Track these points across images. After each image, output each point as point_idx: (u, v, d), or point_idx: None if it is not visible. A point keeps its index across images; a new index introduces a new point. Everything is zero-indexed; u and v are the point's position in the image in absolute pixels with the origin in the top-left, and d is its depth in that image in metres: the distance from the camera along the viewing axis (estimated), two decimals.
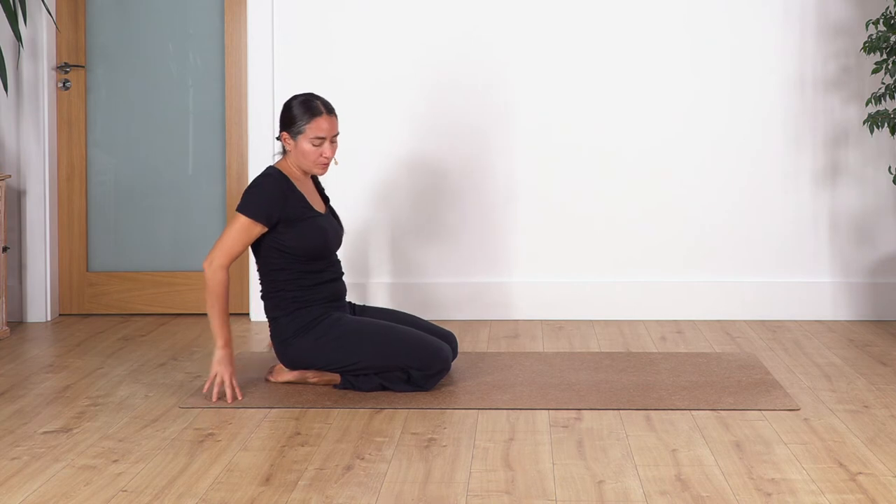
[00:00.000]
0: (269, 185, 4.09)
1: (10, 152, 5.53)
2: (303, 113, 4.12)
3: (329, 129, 4.12)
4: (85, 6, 5.66)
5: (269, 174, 4.13)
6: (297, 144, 4.13)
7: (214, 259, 4.03)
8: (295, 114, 4.13)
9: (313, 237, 4.12)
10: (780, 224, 5.56)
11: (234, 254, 4.05)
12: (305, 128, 4.11)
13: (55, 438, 3.58)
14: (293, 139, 4.13)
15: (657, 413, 3.85)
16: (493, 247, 5.59)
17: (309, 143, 4.11)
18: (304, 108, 4.12)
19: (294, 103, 4.15)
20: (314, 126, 4.10)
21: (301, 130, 4.11)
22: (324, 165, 4.15)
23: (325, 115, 4.12)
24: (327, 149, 4.13)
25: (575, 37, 5.54)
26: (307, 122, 4.11)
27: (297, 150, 4.14)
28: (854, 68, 5.49)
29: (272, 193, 4.07)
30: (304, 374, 4.22)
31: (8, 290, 5.50)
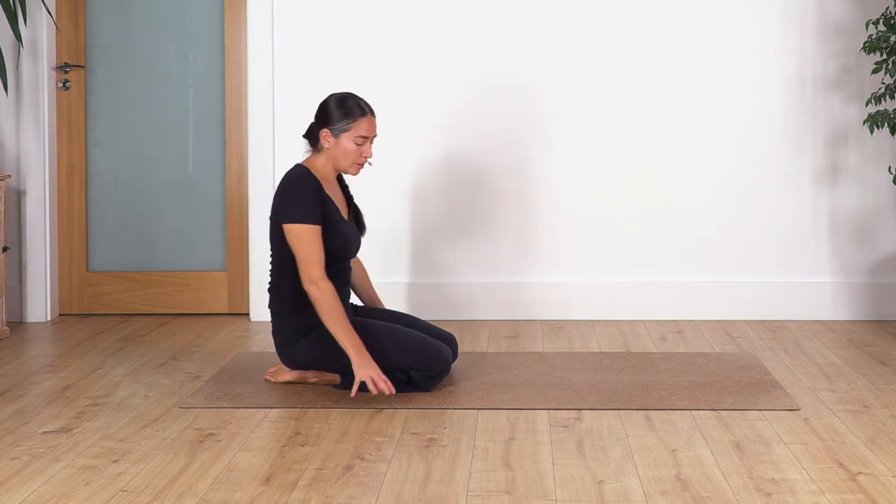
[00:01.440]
0: (304, 186, 4.04)
1: (10, 152, 5.54)
2: (348, 111, 4.09)
3: (371, 130, 4.12)
4: (85, 6, 5.66)
5: (300, 174, 4.08)
6: (338, 142, 4.11)
7: (313, 275, 3.97)
8: (339, 112, 4.10)
9: (335, 242, 4.10)
10: (780, 224, 5.56)
11: (322, 261, 3.99)
12: (351, 126, 4.09)
13: (55, 438, 3.58)
14: (334, 137, 4.11)
15: (657, 413, 3.85)
16: (492, 247, 5.59)
17: (352, 141, 4.09)
18: (350, 106, 4.10)
19: (338, 101, 4.12)
20: (359, 125, 4.09)
21: (347, 128, 4.09)
22: (360, 166, 4.14)
23: (369, 116, 4.11)
24: (368, 149, 4.12)
25: (574, 36, 5.54)
26: (353, 120, 4.09)
27: (337, 147, 4.11)
28: (854, 68, 5.49)
29: (310, 193, 4.03)
30: (304, 373, 4.22)
31: (8, 290, 5.50)
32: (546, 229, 5.58)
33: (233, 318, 5.61)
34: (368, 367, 3.94)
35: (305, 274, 3.99)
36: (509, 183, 5.57)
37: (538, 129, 5.55)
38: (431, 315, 5.57)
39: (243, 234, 5.65)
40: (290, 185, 4.07)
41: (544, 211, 5.58)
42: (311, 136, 4.19)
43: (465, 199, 5.56)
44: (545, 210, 5.57)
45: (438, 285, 5.58)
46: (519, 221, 5.58)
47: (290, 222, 4.01)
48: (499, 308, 5.59)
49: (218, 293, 5.69)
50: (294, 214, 4.01)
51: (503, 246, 5.60)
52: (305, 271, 3.99)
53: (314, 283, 3.97)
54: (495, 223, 5.58)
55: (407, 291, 5.57)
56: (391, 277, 5.59)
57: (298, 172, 4.10)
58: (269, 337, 5.15)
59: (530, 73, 5.54)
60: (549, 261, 5.59)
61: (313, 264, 3.99)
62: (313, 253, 4.00)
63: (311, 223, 4.01)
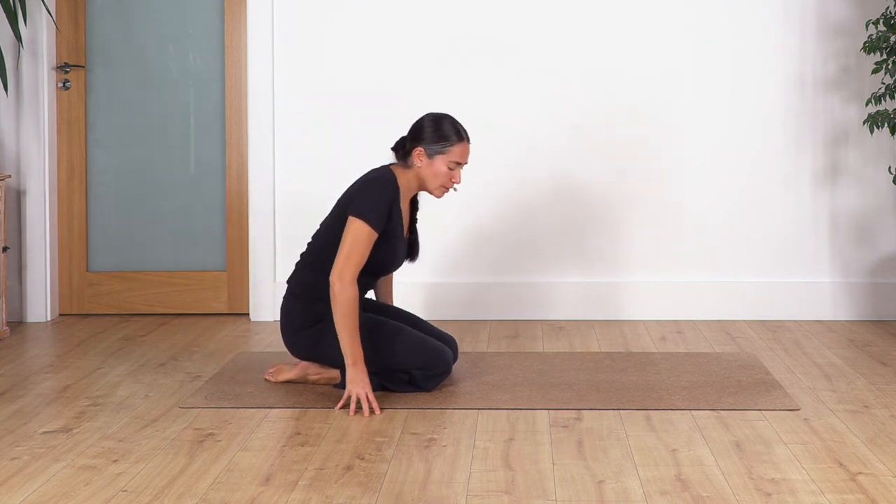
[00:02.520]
0: (387, 192, 4.02)
1: (10, 152, 5.54)
2: (447, 135, 4.07)
3: (465, 156, 4.11)
4: (85, 6, 5.66)
5: (389, 180, 4.06)
6: (431, 163, 4.08)
7: (345, 274, 3.94)
8: (437, 134, 4.07)
9: (382, 256, 4.09)
10: (780, 224, 5.56)
11: (360, 265, 3.98)
12: (448, 150, 4.07)
13: (55, 438, 3.58)
14: (428, 157, 4.08)
15: (657, 413, 3.85)
16: (492, 247, 5.59)
17: (445, 165, 4.08)
18: (449, 130, 4.08)
19: (437, 123, 4.09)
20: (456, 150, 4.08)
21: (443, 152, 4.07)
22: (446, 190, 4.13)
23: (465, 142, 4.10)
24: (458, 174, 4.11)
25: (574, 36, 5.53)
26: (451, 145, 4.07)
27: (430, 168, 4.09)
28: (854, 68, 5.49)
29: (387, 201, 4.02)
30: (305, 371, 4.22)
31: (8, 290, 5.50)
32: (546, 230, 5.58)
33: (233, 318, 5.61)
34: (361, 384, 3.91)
35: (340, 269, 3.95)
36: (509, 183, 5.57)
37: (537, 129, 5.55)
38: (431, 315, 5.57)
39: (243, 234, 5.66)
40: (377, 185, 4.04)
41: (544, 211, 5.57)
42: (402, 150, 4.15)
43: (464, 199, 5.56)
44: (545, 210, 5.57)
45: (439, 285, 5.58)
46: (519, 221, 5.58)
47: (359, 217, 3.98)
48: (499, 308, 5.59)
49: (218, 293, 5.69)
50: (366, 212, 3.98)
51: (503, 246, 5.59)
52: (342, 267, 3.95)
53: (342, 282, 3.93)
54: (495, 223, 5.58)
55: (407, 291, 5.57)
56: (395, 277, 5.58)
57: (388, 178, 4.07)
58: (269, 337, 5.15)
59: (529, 73, 5.54)
60: (549, 261, 5.59)
61: (353, 265, 3.96)
62: (359, 255, 3.98)
63: (374, 228, 3.99)
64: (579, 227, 5.58)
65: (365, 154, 5.55)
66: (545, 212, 5.58)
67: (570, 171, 5.56)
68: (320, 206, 5.49)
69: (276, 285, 5.58)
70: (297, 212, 5.58)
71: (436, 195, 4.15)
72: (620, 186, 5.56)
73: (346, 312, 3.92)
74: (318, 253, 4.15)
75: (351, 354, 3.93)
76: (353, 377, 3.91)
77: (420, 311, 5.56)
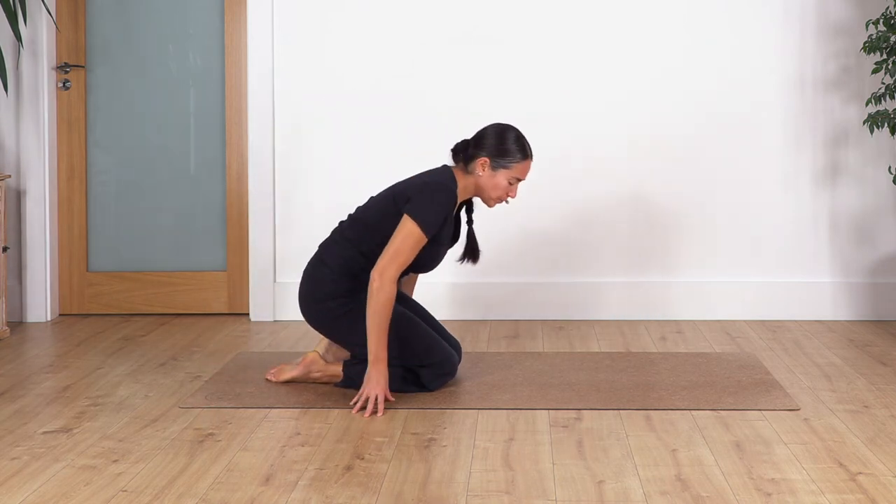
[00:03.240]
0: (446, 199, 4.01)
1: (10, 152, 5.54)
2: (517, 150, 4.08)
3: (526, 173, 4.13)
4: (85, 6, 5.66)
5: (450, 189, 4.03)
6: (493, 175, 4.08)
7: (388, 272, 3.94)
8: (504, 147, 4.08)
9: (426, 258, 4.10)
10: (780, 224, 5.56)
11: (404, 266, 3.98)
12: (513, 165, 4.08)
13: (55, 438, 3.58)
14: (492, 169, 4.08)
15: (657, 413, 3.85)
16: (492, 247, 5.59)
17: (506, 179, 4.09)
18: (519, 146, 4.09)
19: (506, 136, 4.09)
20: (520, 167, 4.09)
21: (507, 166, 4.07)
22: (500, 203, 4.16)
23: (529, 160, 4.12)
24: (515, 189, 4.12)
25: (573, 36, 5.53)
26: (516, 161, 4.08)
27: (491, 179, 4.09)
28: (854, 68, 5.49)
29: (445, 210, 4.00)
30: (307, 369, 4.21)
31: (8, 290, 5.50)
32: (546, 230, 5.58)
33: (233, 318, 5.61)
34: (379, 385, 3.90)
35: (384, 267, 3.93)
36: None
37: (537, 130, 5.54)
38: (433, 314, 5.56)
39: (243, 234, 5.65)
40: (441, 193, 4.01)
41: (544, 211, 5.57)
42: (465, 155, 4.14)
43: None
44: (545, 210, 5.57)
45: (439, 285, 5.58)
46: (519, 222, 5.58)
47: (415, 219, 3.96)
48: (499, 308, 5.59)
49: (218, 293, 5.69)
50: (424, 216, 3.97)
51: (503, 246, 5.59)
52: (386, 264, 3.94)
53: (382, 279, 3.92)
54: (495, 223, 5.57)
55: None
56: None
57: (451, 188, 4.04)
58: (270, 337, 5.15)
59: (529, 74, 5.54)
60: (550, 261, 5.59)
61: (397, 265, 3.96)
62: (407, 255, 3.97)
63: (427, 233, 3.98)
64: (578, 227, 5.57)
65: (365, 154, 5.55)
66: (545, 212, 5.57)
67: (569, 172, 5.56)
68: (321, 205, 5.49)
69: (276, 285, 5.58)
70: (297, 212, 5.58)
71: (489, 205, 4.17)
72: (620, 186, 5.56)
73: (380, 311, 3.92)
74: (363, 231, 4.11)
75: (375, 352, 3.92)
76: (373, 377, 3.91)
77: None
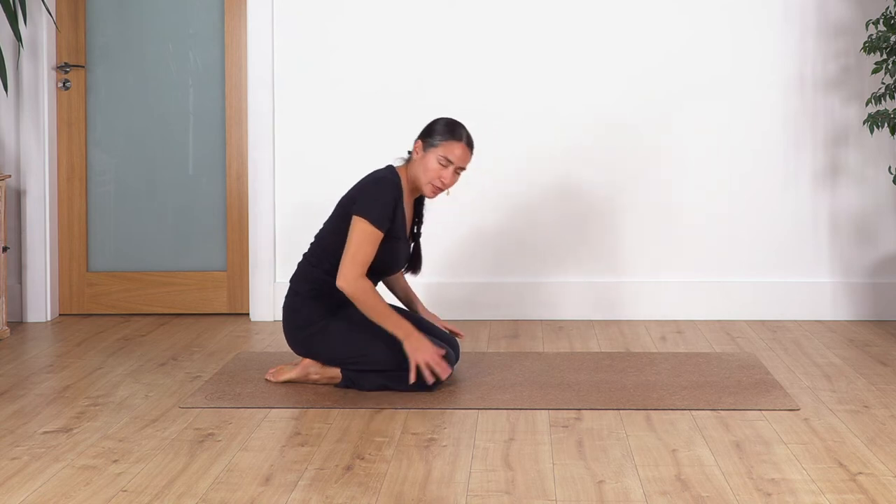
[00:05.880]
0: (390, 192, 4.06)
1: (10, 152, 5.54)
2: (445, 131, 4.12)
3: (460, 158, 4.12)
4: (85, 6, 5.66)
5: (392, 180, 4.09)
6: (425, 156, 4.12)
7: (352, 272, 3.99)
8: (438, 128, 4.13)
9: (386, 257, 4.12)
10: (780, 224, 5.56)
11: (367, 263, 4.01)
12: (441, 144, 4.10)
13: (55, 438, 3.58)
14: (424, 150, 4.13)
15: (657, 413, 3.85)
16: (492, 247, 5.59)
17: (436, 159, 4.10)
18: (449, 128, 4.13)
19: (443, 120, 4.17)
20: (449, 147, 4.10)
21: (436, 145, 4.10)
22: (436, 189, 4.14)
23: (463, 143, 4.12)
24: (448, 174, 4.11)
25: (573, 36, 5.53)
26: (445, 139, 4.10)
27: (422, 161, 4.12)
28: (854, 68, 5.49)
29: (391, 202, 4.05)
30: (306, 370, 4.22)
31: (8, 290, 5.50)
32: (546, 229, 5.58)
33: (233, 318, 5.61)
34: (422, 350, 3.97)
35: (347, 270, 3.99)
36: (509, 183, 5.57)
37: (538, 130, 5.55)
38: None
39: (243, 234, 5.66)
40: (381, 185, 4.08)
41: (545, 211, 5.57)
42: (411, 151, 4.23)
43: (465, 199, 5.56)
44: (545, 210, 5.57)
45: (439, 285, 5.58)
46: (519, 221, 5.58)
47: (364, 217, 4.01)
48: (499, 308, 5.59)
49: (218, 293, 5.69)
50: (370, 210, 4.01)
51: (503, 246, 5.59)
52: (349, 268, 3.99)
53: (347, 282, 3.98)
54: (495, 223, 5.58)
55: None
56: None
57: (391, 179, 4.11)
58: (270, 337, 5.15)
59: (531, 74, 5.54)
60: (549, 261, 5.59)
61: (359, 265, 4.00)
62: (365, 254, 4.01)
63: (380, 228, 4.02)
64: (579, 227, 5.58)
65: (364, 154, 5.55)
66: (546, 212, 5.58)
67: (570, 172, 5.56)
68: (320, 206, 5.49)
69: (276, 285, 5.58)
70: (297, 212, 5.58)
71: (426, 192, 4.16)
72: (620, 186, 5.56)
73: (369, 304, 3.98)
74: (322, 252, 4.17)
75: (399, 330, 3.99)
76: (413, 347, 3.98)
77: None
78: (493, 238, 5.58)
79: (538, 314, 5.59)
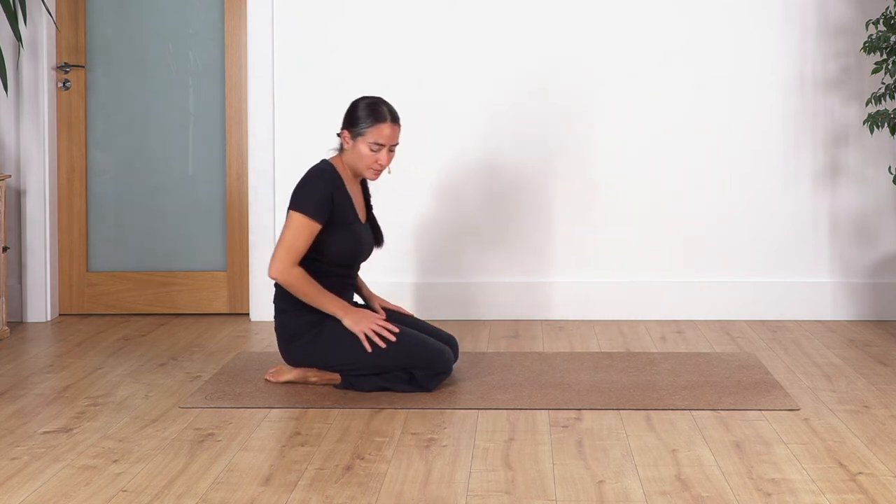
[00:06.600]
0: (323, 181, 4.07)
1: (10, 152, 5.54)
2: (368, 115, 4.10)
3: (390, 137, 4.11)
4: (85, 6, 5.66)
5: (322, 169, 4.11)
6: (355, 145, 4.11)
7: (285, 262, 4.01)
8: (360, 115, 4.11)
9: (349, 244, 4.12)
10: (780, 224, 5.56)
11: (299, 252, 4.02)
12: (367, 131, 4.09)
13: (55, 438, 3.58)
14: (353, 139, 4.12)
15: (657, 413, 3.85)
16: (492, 247, 5.59)
17: (367, 146, 4.09)
18: (371, 111, 4.10)
19: (361, 104, 4.13)
20: (376, 131, 4.09)
21: (362, 132, 4.09)
22: (376, 172, 4.14)
23: (388, 123, 4.10)
24: (383, 156, 4.11)
25: (574, 37, 5.54)
26: (370, 125, 4.09)
27: (354, 150, 4.12)
28: (854, 68, 5.49)
29: (325, 190, 4.06)
30: (305, 373, 4.22)
31: (8, 290, 5.50)
32: (546, 229, 5.58)
33: (233, 318, 5.61)
34: (363, 319, 4.01)
35: (278, 261, 4.02)
36: (510, 184, 5.57)
37: (539, 131, 5.55)
38: (431, 315, 5.58)
39: (243, 234, 5.66)
40: (309, 177, 4.10)
41: (545, 211, 5.57)
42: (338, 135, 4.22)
43: (466, 199, 5.56)
44: (546, 210, 5.57)
45: (439, 285, 5.58)
46: (519, 222, 5.58)
47: (296, 210, 4.04)
48: (499, 308, 5.59)
49: (218, 293, 5.69)
50: (301, 202, 4.04)
51: (503, 246, 5.60)
52: (280, 259, 4.02)
53: (282, 272, 4.01)
54: (495, 224, 5.58)
55: (407, 291, 5.57)
56: (392, 277, 5.59)
57: (322, 168, 4.13)
58: (269, 337, 5.15)
59: (531, 75, 5.54)
60: (550, 261, 5.59)
61: (290, 251, 4.02)
62: (299, 245, 4.03)
63: (312, 217, 4.03)
64: (580, 227, 5.58)
65: None
66: (547, 212, 5.58)
67: (572, 172, 5.56)
68: None
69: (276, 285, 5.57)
70: None
71: (369, 177, 4.17)
72: (620, 186, 5.56)
73: (304, 290, 4.02)
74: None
75: (335, 308, 4.03)
76: (353, 320, 4.02)
77: (419, 310, 5.56)
78: (493, 238, 5.58)
79: (538, 314, 5.59)
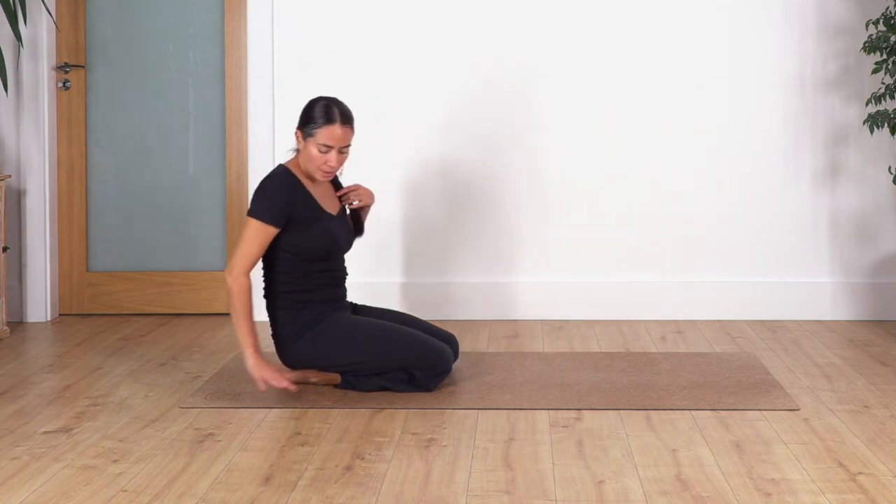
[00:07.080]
0: (275, 185, 4.06)
1: (10, 152, 5.54)
2: (319, 116, 4.07)
3: (339, 139, 4.08)
4: (85, 6, 5.66)
5: (274, 174, 4.10)
6: (306, 146, 4.10)
7: (234, 267, 4.00)
8: (312, 115, 4.09)
9: (321, 239, 4.11)
10: (780, 224, 5.56)
11: (252, 258, 4.01)
12: (316, 132, 4.07)
13: (55, 438, 3.58)
14: (304, 140, 4.11)
15: (657, 413, 3.85)
16: (492, 247, 5.59)
17: (316, 148, 4.08)
18: (322, 111, 4.08)
19: (312, 105, 4.12)
20: (325, 133, 4.06)
21: (312, 133, 4.07)
22: (326, 174, 4.11)
23: (338, 124, 4.07)
24: (332, 158, 4.09)
25: (573, 37, 5.54)
26: (320, 126, 4.06)
27: (305, 151, 4.11)
28: (854, 68, 5.49)
29: (278, 193, 4.04)
30: (305, 373, 4.22)
31: (8, 290, 5.50)
32: (546, 229, 5.58)
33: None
34: (262, 368, 3.97)
35: (233, 264, 4.01)
36: (509, 183, 5.57)
37: (539, 130, 5.55)
38: (431, 315, 5.57)
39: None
40: (265, 183, 4.09)
41: (544, 211, 5.57)
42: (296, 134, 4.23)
43: (464, 198, 5.56)
44: (545, 210, 5.57)
45: (438, 285, 5.58)
46: (519, 221, 5.58)
47: (252, 216, 4.04)
48: (499, 308, 5.59)
49: (218, 293, 5.69)
50: (257, 208, 4.03)
51: (503, 246, 5.59)
52: (234, 262, 4.01)
53: (232, 275, 4.00)
54: (495, 223, 5.58)
55: (407, 291, 5.57)
56: (392, 277, 5.59)
57: (275, 172, 4.12)
58: (269, 337, 5.15)
59: (530, 75, 5.54)
60: (549, 261, 5.59)
61: (244, 257, 4.01)
62: (253, 250, 4.02)
63: (265, 221, 4.02)
64: (580, 227, 5.58)
65: (364, 154, 5.55)
66: (547, 212, 5.58)
67: (569, 172, 5.56)
68: None
69: None
70: None
71: (319, 178, 4.15)
72: (621, 186, 5.56)
73: (236, 305, 3.99)
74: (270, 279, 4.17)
75: (248, 342, 3.99)
76: (254, 364, 3.98)
77: (420, 310, 5.56)
78: (493, 238, 5.58)
79: (538, 314, 5.58)
